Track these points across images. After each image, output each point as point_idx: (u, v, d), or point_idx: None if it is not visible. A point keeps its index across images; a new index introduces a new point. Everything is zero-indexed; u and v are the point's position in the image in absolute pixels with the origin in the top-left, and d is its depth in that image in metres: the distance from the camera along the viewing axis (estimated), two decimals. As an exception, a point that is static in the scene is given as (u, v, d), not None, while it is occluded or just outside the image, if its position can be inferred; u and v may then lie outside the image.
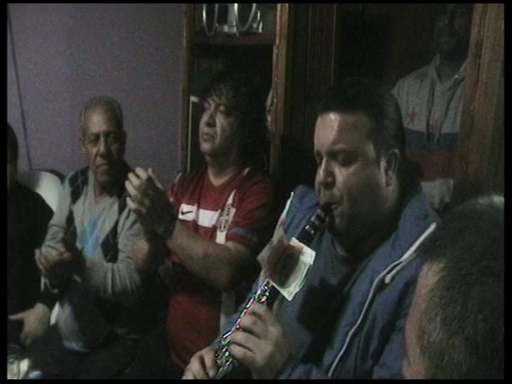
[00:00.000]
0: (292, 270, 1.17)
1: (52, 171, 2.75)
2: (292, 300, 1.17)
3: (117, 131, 2.11)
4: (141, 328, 2.16)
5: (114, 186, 2.15)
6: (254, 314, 1.14)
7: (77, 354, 2.13)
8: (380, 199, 1.19)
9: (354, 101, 1.17)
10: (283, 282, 1.18)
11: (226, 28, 2.63)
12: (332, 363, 1.17)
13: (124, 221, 2.09)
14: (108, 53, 2.93)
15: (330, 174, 1.18)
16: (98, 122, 2.07)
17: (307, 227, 1.21)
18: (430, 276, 0.61)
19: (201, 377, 1.23)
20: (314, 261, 1.16)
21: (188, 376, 1.26)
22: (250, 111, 1.86)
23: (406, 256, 1.10)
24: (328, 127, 1.18)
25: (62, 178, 2.67)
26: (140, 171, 1.60)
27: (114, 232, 2.10)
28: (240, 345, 1.12)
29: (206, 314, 1.83)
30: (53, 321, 2.34)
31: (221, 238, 1.81)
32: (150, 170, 1.61)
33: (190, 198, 1.97)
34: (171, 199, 1.96)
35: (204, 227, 1.89)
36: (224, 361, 1.22)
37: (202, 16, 2.80)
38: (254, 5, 2.30)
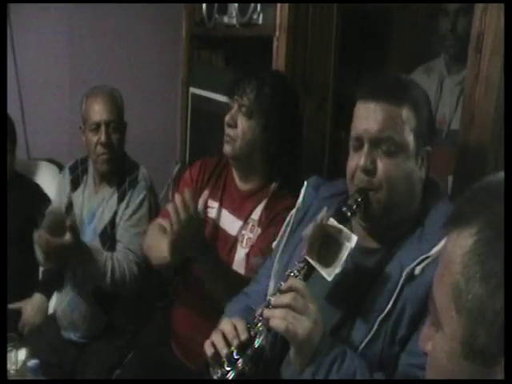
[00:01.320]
0: (331, 250, 1.17)
1: (50, 160, 2.74)
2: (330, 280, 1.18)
3: (118, 120, 2.10)
4: (139, 319, 2.16)
5: (113, 177, 2.14)
6: (293, 289, 1.14)
7: (75, 344, 2.14)
8: (414, 193, 1.24)
9: (402, 94, 1.21)
10: (321, 262, 1.17)
11: (225, 19, 2.63)
12: (359, 347, 1.19)
13: (123, 211, 2.08)
14: (107, 43, 2.93)
15: (372, 161, 1.20)
16: (99, 111, 2.06)
17: (344, 209, 1.21)
18: (462, 241, 0.67)
19: (232, 337, 1.17)
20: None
21: (217, 335, 1.19)
22: (273, 114, 1.69)
23: (435, 250, 1.13)
24: (374, 115, 1.20)
25: (60, 167, 2.67)
26: (190, 202, 1.48)
27: (112, 223, 2.09)
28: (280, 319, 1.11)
29: (216, 311, 1.71)
30: (51, 310, 2.34)
31: (241, 253, 1.72)
32: (201, 202, 1.60)
33: (211, 192, 1.83)
34: (191, 187, 1.82)
35: (225, 232, 1.79)
36: (258, 333, 1.17)
37: (201, 7, 2.79)
38: (255, -4, 2.29)
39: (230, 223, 1.78)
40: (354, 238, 1.17)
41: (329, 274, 1.16)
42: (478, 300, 0.63)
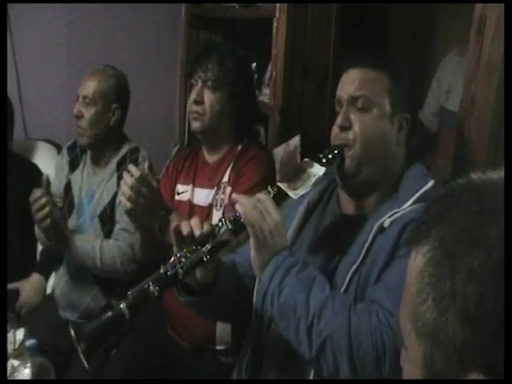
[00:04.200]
0: (300, 178, 1.26)
1: (48, 141, 2.73)
2: (300, 237, 1.30)
3: (95, 96, 2.08)
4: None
5: (112, 157, 2.13)
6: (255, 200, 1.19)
7: (73, 324, 2.14)
8: (388, 155, 1.28)
9: (376, 59, 1.31)
10: (290, 187, 1.25)
11: (225, 0, 2.60)
12: None
13: None
14: (106, 23, 2.89)
15: (347, 118, 1.27)
16: (81, 85, 2.09)
17: (320, 155, 1.27)
18: (418, 260, 0.63)
19: (195, 224, 1.21)
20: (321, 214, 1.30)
21: (183, 226, 1.22)
22: (237, 84, 1.81)
23: (405, 206, 1.19)
24: (351, 80, 1.29)
25: (58, 147, 2.66)
26: (132, 169, 1.57)
27: (112, 204, 2.09)
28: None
29: None
30: (49, 290, 2.35)
31: (217, 216, 1.79)
32: (145, 166, 1.60)
33: (185, 178, 1.95)
34: (166, 180, 1.95)
35: (199, 206, 1.87)
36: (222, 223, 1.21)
37: (201, -13, 2.77)
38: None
39: (204, 196, 1.86)
40: (322, 169, 1.25)
41: (295, 194, 1.24)
42: (432, 324, 0.60)
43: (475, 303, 0.56)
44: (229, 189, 1.80)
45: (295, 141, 1.30)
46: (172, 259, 1.20)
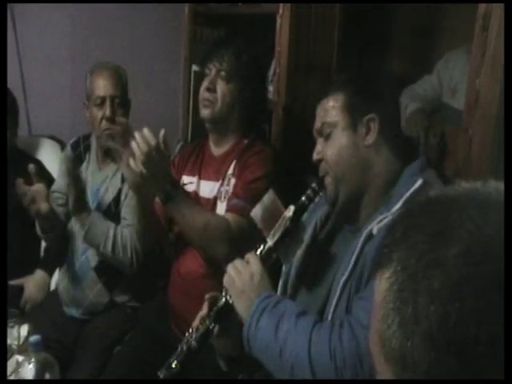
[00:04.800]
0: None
1: (52, 137, 2.73)
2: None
3: (122, 96, 2.09)
4: (140, 296, 2.17)
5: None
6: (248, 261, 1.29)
7: (77, 320, 2.14)
8: (360, 162, 1.30)
9: (333, 84, 1.39)
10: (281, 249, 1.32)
11: (229, -4, 2.60)
12: (330, 311, 1.24)
13: (127, 190, 2.08)
14: (110, 19, 2.89)
15: (319, 151, 1.35)
16: (104, 86, 2.05)
17: (303, 198, 1.32)
18: (382, 284, 0.62)
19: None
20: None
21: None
22: (250, 78, 1.85)
23: (393, 210, 1.19)
24: (317, 114, 1.38)
25: (62, 144, 2.66)
26: (148, 135, 1.56)
27: (116, 200, 2.09)
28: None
29: (206, 287, 1.83)
30: (53, 287, 2.36)
31: (221, 208, 1.81)
32: (161, 135, 1.59)
33: (190, 169, 1.96)
34: (172, 172, 1.93)
35: (205, 198, 1.88)
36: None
37: (204, -17, 2.76)
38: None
39: (210, 188, 1.88)
40: (291, 208, 1.31)
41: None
42: (399, 349, 0.59)
43: (438, 325, 0.55)
44: (233, 180, 1.82)
45: (270, 196, 1.36)
46: (186, 334, 1.33)
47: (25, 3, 2.68)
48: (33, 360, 1.47)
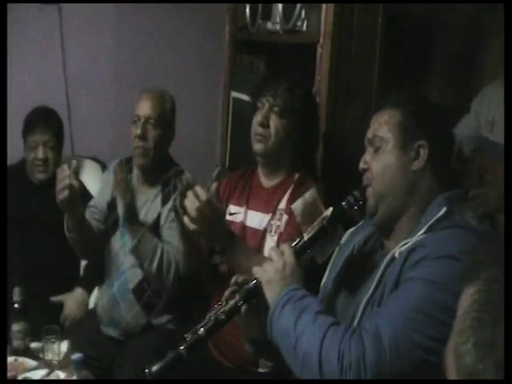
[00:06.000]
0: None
1: (94, 159, 2.81)
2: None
3: (158, 119, 2.14)
4: (177, 320, 2.20)
5: (158, 178, 2.18)
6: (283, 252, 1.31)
7: (114, 340, 2.17)
8: (403, 185, 1.31)
9: (392, 99, 1.38)
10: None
11: (269, 25, 2.63)
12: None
13: (167, 214, 2.12)
14: (152, 46, 2.99)
15: (366, 161, 1.35)
16: (142, 106, 2.13)
17: (343, 203, 1.34)
18: (465, 299, 0.62)
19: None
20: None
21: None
22: (304, 113, 1.84)
23: (416, 236, 1.22)
24: (371, 124, 1.38)
25: (103, 166, 2.73)
26: (200, 191, 1.56)
27: (156, 224, 2.13)
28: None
29: None
30: (92, 305, 2.40)
31: (271, 241, 1.80)
32: (212, 189, 1.61)
33: (238, 199, 1.95)
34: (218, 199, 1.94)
35: (253, 229, 1.87)
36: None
37: (245, 12, 2.81)
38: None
39: (258, 220, 1.87)
40: (329, 209, 1.34)
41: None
42: (470, 367, 0.59)
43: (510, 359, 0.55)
44: (285, 217, 1.79)
45: (312, 193, 1.41)
46: (216, 305, 1.35)
47: (72, 27, 2.78)
48: (74, 377, 1.50)
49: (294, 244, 1.33)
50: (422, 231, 1.22)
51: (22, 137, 2.46)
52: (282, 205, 1.83)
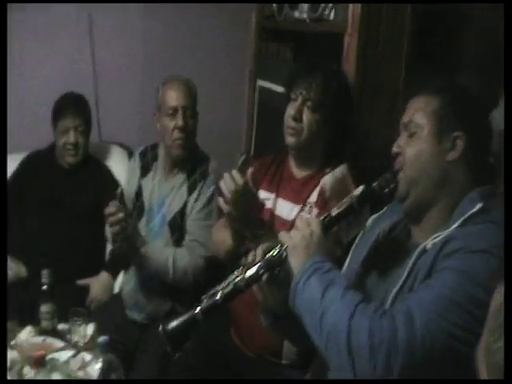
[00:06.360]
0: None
1: (120, 145, 2.85)
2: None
3: (193, 107, 2.16)
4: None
5: (184, 165, 2.19)
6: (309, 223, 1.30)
7: (138, 324, 2.20)
8: (437, 173, 1.29)
9: (430, 86, 1.36)
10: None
11: (296, 14, 2.63)
12: None
13: (193, 203, 2.13)
14: (179, 34, 3.00)
15: (399, 145, 1.33)
16: (176, 97, 2.13)
17: (374, 184, 1.32)
18: (497, 296, 0.63)
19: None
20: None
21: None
22: (338, 108, 1.78)
23: (449, 229, 1.21)
24: (407, 109, 1.36)
25: (129, 151, 2.77)
26: (237, 176, 1.56)
27: (182, 213, 2.14)
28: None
29: None
30: (117, 290, 2.44)
31: None
32: (249, 174, 1.60)
33: (268, 185, 1.92)
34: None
35: (282, 218, 1.85)
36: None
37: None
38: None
39: (287, 210, 1.85)
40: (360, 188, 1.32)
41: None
42: (502, 366, 0.59)
43: None
44: (315, 210, 1.77)
45: (342, 170, 1.39)
46: (236, 271, 1.33)
47: (102, 17, 2.81)
48: (100, 360, 1.53)
49: (321, 218, 1.32)
50: (455, 225, 1.21)
51: (51, 122, 2.51)
52: (313, 198, 1.80)
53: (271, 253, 1.30)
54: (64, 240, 2.45)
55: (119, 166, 2.68)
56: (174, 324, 1.30)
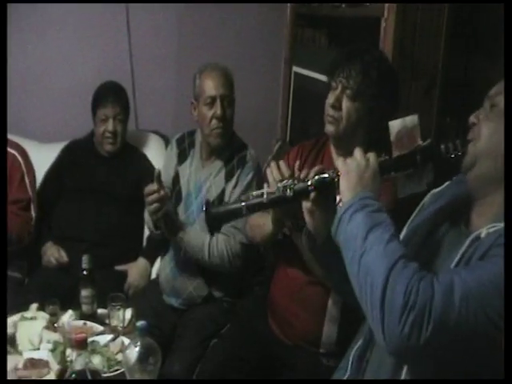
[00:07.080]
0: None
1: (156, 132, 2.88)
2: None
3: (231, 96, 2.16)
4: (237, 292, 2.23)
5: (221, 152, 2.19)
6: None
7: (175, 309, 2.23)
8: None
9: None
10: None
11: (332, -1, 2.61)
12: None
13: (231, 190, 2.14)
14: (214, 22, 3.01)
15: (477, 116, 1.27)
16: (214, 86, 2.12)
17: (442, 146, 1.28)
18: None
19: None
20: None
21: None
22: (378, 98, 1.71)
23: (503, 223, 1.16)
24: (498, 83, 1.29)
25: (165, 139, 2.80)
26: (283, 166, 1.54)
27: (219, 199, 2.14)
28: None
29: (315, 292, 1.80)
30: (154, 275, 2.47)
31: None
32: (297, 165, 1.59)
33: (309, 169, 1.91)
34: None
35: None
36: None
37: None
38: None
39: None
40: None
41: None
42: None
43: None
44: None
45: (413, 119, 1.34)
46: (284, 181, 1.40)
47: (138, 13, 2.85)
48: (139, 343, 1.55)
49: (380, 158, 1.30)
50: None
51: (91, 111, 2.55)
52: None
53: (324, 174, 1.33)
54: (103, 227, 2.50)
55: (156, 153, 2.70)
56: (220, 209, 1.43)
